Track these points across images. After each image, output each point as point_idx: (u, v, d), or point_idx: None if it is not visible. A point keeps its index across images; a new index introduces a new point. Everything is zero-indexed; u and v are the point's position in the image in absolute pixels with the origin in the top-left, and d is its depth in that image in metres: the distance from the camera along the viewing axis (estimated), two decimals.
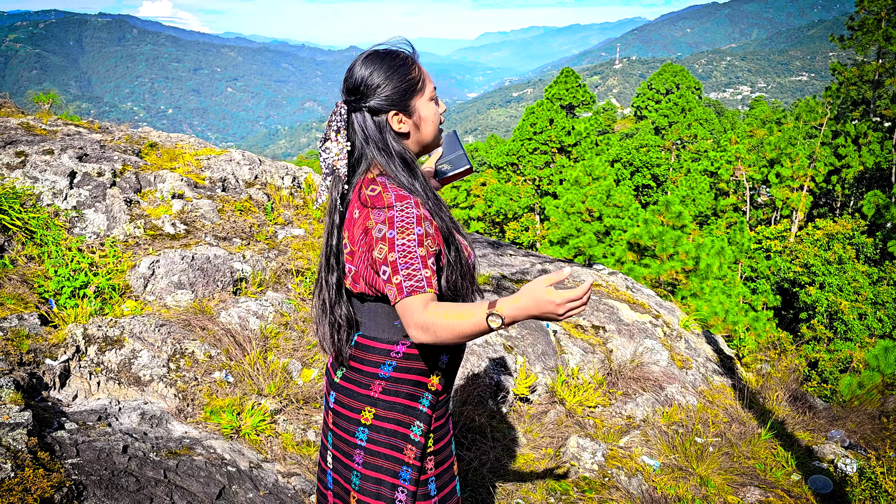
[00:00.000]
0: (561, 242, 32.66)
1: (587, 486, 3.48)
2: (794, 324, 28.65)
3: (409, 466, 1.82)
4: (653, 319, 5.76)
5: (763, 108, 63.03)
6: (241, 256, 4.84)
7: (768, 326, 19.36)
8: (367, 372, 1.83)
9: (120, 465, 2.62)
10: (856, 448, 4.63)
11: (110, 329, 3.65)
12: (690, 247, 17.35)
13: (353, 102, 1.82)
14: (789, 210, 34.73)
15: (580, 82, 42.96)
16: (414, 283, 1.63)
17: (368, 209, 1.73)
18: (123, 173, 5.32)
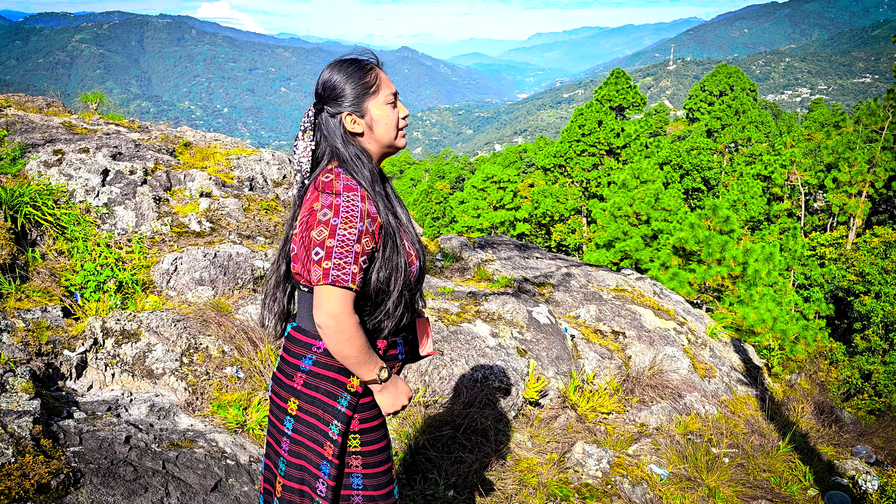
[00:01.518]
0: (607, 245, 32.33)
1: (588, 493, 3.45)
2: (848, 334, 27.76)
3: (329, 462, 1.88)
4: (677, 326, 5.67)
5: (822, 110, 61.20)
6: (263, 255, 4.94)
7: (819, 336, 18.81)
8: (291, 363, 1.93)
9: (120, 455, 2.71)
10: (882, 465, 4.48)
11: (128, 323, 3.78)
12: (738, 252, 16.97)
13: (318, 104, 1.98)
14: (846, 216, 33.64)
15: (630, 83, 42.39)
16: (340, 274, 1.75)
17: (319, 192, 1.84)
18: (155, 172, 5.48)
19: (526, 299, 5.29)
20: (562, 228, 41.54)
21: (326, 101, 1.95)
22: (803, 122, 57.71)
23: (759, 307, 15.30)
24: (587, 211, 40.58)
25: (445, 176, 61.91)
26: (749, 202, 36.26)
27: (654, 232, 31.42)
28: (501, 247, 6.95)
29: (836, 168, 33.69)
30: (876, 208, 36.19)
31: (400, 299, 1.90)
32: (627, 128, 40.53)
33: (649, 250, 29.95)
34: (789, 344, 15.51)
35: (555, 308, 5.47)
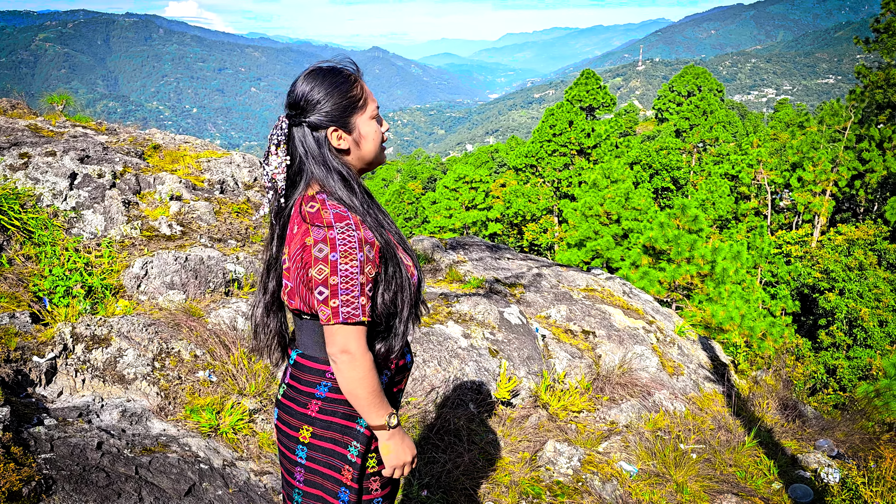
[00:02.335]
0: (578, 245, 32.59)
1: (560, 491, 3.51)
2: (814, 330, 28.33)
3: (348, 488, 1.83)
4: (646, 325, 5.77)
5: (787, 111, 62.34)
6: (234, 258, 4.93)
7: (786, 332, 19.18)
8: (304, 391, 1.85)
9: (92, 461, 2.71)
10: (843, 458, 4.61)
11: (98, 328, 3.75)
12: (706, 251, 17.22)
13: (294, 117, 1.83)
14: (811, 215, 34.32)
15: (600, 84, 42.79)
16: (351, 311, 1.69)
17: (308, 225, 1.74)
18: (124, 175, 5.44)
19: (497, 300, 5.35)
20: (534, 228, 41.81)
21: (307, 114, 1.82)
22: (769, 123, 58.70)
23: (727, 305, 15.56)
24: (558, 210, 40.90)
25: (417, 176, 61.91)
26: (717, 201, 36.82)
27: (624, 231, 31.75)
28: (473, 248, 7.00)
29: (801, 167, 34.34)
30: (839, 206, 36.97)
31: (408, 316, 1.85)
32: (598, 128, 40.90)
33: (620, 249, 30.26)
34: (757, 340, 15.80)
35: (526, 308, 5.53)
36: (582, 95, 42.52)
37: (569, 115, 40.39)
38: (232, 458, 3.18)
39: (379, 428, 1.79)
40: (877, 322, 25.24)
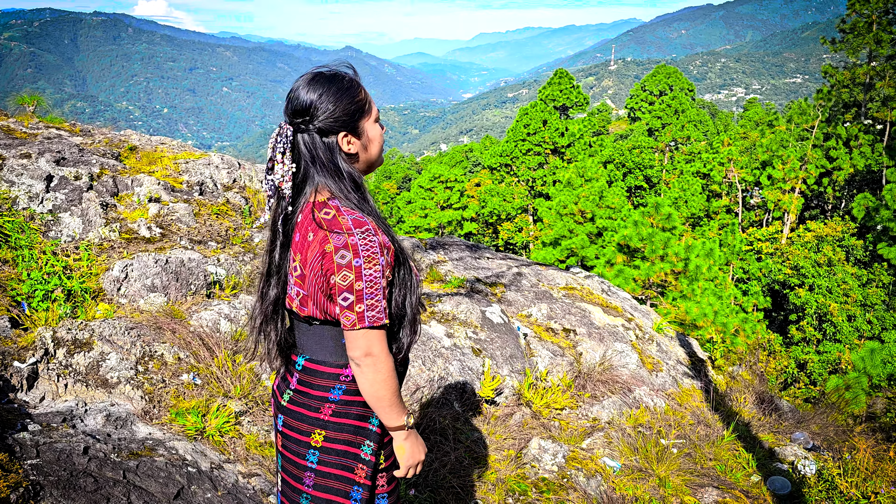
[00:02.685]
0: (554, 243, 32.76)
1: (546, 487, 3.55)
2: (785, 325, 28.80)
3: (360, 486, 1.87)
4: (625, 323, 5.84)
5: (756, 109, 63.26)
6: (215, 260, 4.90)
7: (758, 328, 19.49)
8: (316, 396, 1.86)
9: (79, 466, 2.69)
10: (818, 450, 4.72)
11: (80, 332, 3.72)
12: (680, 248, 17.42)
13: (301, 124, 1.82)
14: (781, 212, 34.89)
15: (574, 83, 43.06)
16: (375, 315, 1.72)
17: (326, 232, 1.74)
18: (101, 177, 5.38)
19: (479, 299, 5.38)
20: (509, 227, 41.95)
21: (315, 120, 1.80)
22: (739, 121, 59.55)
23: (700, 301, 15.76)
24: (533, 209, 41.10)
25: (392, 176, 61.81)
26: (689, 199, 37.27)
27: (598, 229, 31.99)
28: (453, 247, 7.03)
29: (771, 165, 34.88)
30: (808, 204, 37.64)
31: (414, 314, 1.88)
32: (571, 127, 41.17)
33: (594, 247, 30.49)
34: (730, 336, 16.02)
35: (507, 307, 5.57)
36: (555, 95, 42.76)
37: (543, 114, 40.62)
38: (219, 461, 3.17)
39: (398, 429, 1.83)
40: (845, 317, 25.75)
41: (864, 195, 29.30)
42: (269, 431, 3.50)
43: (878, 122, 34.60)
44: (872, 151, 32.41)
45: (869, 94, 34.79)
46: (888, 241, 27.46)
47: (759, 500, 3.90)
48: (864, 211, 28.92)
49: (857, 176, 34.03)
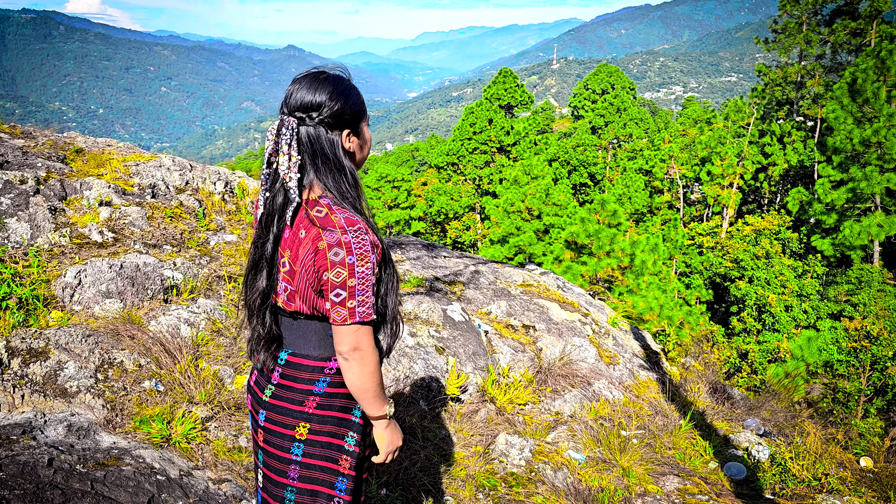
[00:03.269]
0: (501, 241, 33.01)
1: (514, 482, 3.61)
2: (726, 317, 29.64)
3: (345, 476, 1.91)
4: (582, 318, 5.95)
5: (695, 107, 64.92)
6: (171, 264, 4.81)
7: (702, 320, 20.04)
8: (300, 389, 1.89)
9: (45, 478, 2.61)
10: (770, 435, 4.90)
11: (35, 341, 3.61)
12: (626, 244, 17.77)
13: (307, 118, 1.83)
14: (720, 207, 35.90)
15: (518, 82, 43.47)
16: (365, 310, 1.78)
17: (318, 229, 1.77)
18: (48, 181, 5.22)
19: (439, 298, 5.41)
20: (457, 226, 42.09)
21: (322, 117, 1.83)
22: (678, 119, 61.01)
23: (647, 296, 16.12)
24: (481, 208, 41.35)
25: None
26: (633, 196, 38.04)
27: (545, 226, 32.35)
28: (409, 247, 7.04)
29: (710, 162, 35.86)
30: (746, 198, 38.84)
31: (395, 312, 1.94)
32: (516, 125, 41.55)
33: (542, 244, 30.84)
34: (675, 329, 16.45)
35: (467, 305, 5.62)
36: (500, 93, 43.09)
37: (488, 113, 40.89)
38: (188, 468, 3.12)
39: (380, 418, 1.89)
40: (783, 307, 26.66)
41: (798, 190, 30.41)
42: (238, 436, 3.46)
43: (809, 119, 36.00)
44: (805, 147, 33.66)
45: (800, 93, 36.15)
46: (821, 233, 28.57)
47: (718, 485, 4.03)
48: (799, 205, 30.02)
49: (791, 171, 35.30)
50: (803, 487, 4.03)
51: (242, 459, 3.31)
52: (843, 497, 3.87)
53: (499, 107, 42.17)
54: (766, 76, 36.75)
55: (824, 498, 3.83)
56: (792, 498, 3.91)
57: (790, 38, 34.22)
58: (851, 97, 24.77)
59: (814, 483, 4.06)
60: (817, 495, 3.90)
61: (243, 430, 3.53)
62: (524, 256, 30.52)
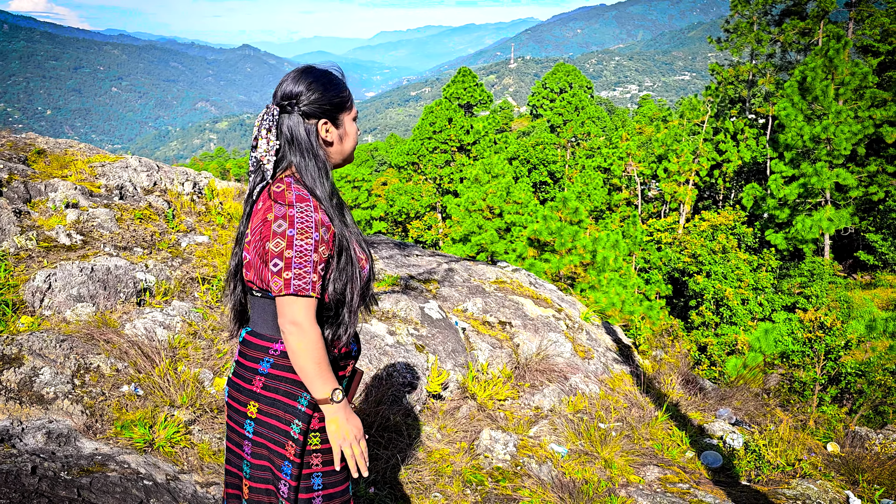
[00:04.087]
0: (463, 240, 33.08)
1: (501, 476, 3.63)
2: (685, 311, 30.17)
3: (290, 462, 1.90)
4: (556, 313, 6.01)
5: (650, 106, 66.00)
6: (143, 266, 4.72)
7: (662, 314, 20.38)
8: (249, 367, 1.94)
9: (30, 487, 2.55)
10: (742, 424, 5.02)
11: (7, 347, 3.51)
12: (587, 241, 17.97)
13: (288, 106, 1.95)
14: (677, 203, 36.57)
15: (477, 81, 43.63)
16: (302, 284, 1.80)
17: (271, 202, 1.86)
18: (10, 182, 5.07)
19: (415, 296, 5.41)
20: (418, 225, 42.05)
21: (301, 105, 1.94)
22: (635, 117, 61.97)
23: (608, 291, 16.34)
24: (442, 207, 41.38)
25: None
26: (592, 193, 38.48)
27: (507, 224, 32.50)
28: (382, 246, 7.02)
29: (666, 159, 36.48)
30: (702, 195, 39.62)
31: (357, 306, 1.96)
32: (476, 125, 41.69)
33: (503, 242, 31.00)
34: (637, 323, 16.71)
35: (443, 303, 5.63)
36: (460, 93, 43.18)
37: (448, 112, 40.94)
38: (174, 472, 3.07)
39: (323, 401, 1.85)
40: (740, 301, 27.26)
41: (752, 185, 31.11)
42: (222, 439, 3.41)
43: (761, 116, 36.88)
44: (757, 144, 34.49)
45: (752, 91, 37.02)
46: (774, 227, 29.32)
47: (696, 474, 4.12)
48: (753, 200, 30.72)
49: (745, 167, 36.12)
50: (778, 473, 4.14)
51: None
52: (816, 481, 3.99)
53: (458, 106, 42.26)
54: (719, 75, 37.55)
55: (798, 482, 3.94)
56: (767, 483, 4.02)
57: (742, 38, 35.00)
58: (801, 95, 25.46)
59: (787, 469, 4.17)
60: (791, 480, 4.01)
61: None
62: (486, 255, 30.65)
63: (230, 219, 6.12)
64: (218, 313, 4.58)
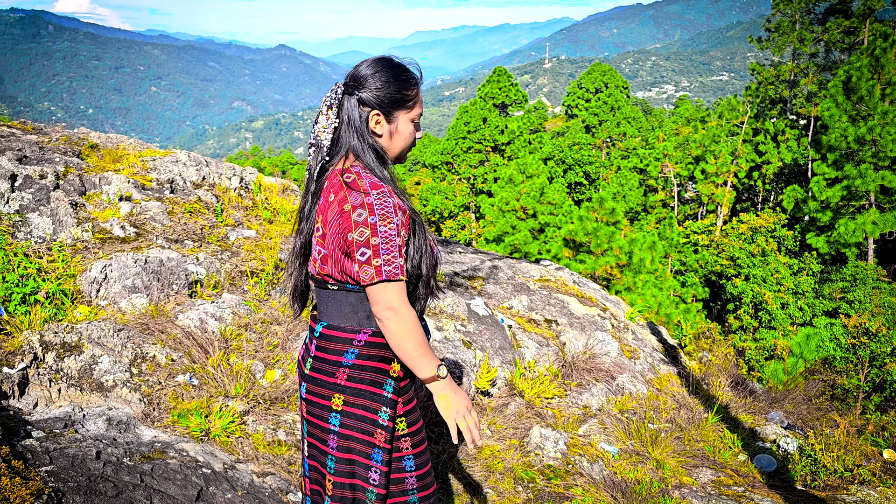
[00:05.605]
0: (497, 240, 33.01)
1: (552, 474, 3.60)
2: (722, 315, 29.71)
3: (381, 449, 1.92)
4: (601, 312, 5.95)
5: (687, 106, 65.14)
6: (194, 259, 4.78)
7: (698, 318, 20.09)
8: (331, 360, 1.94)
9: (95, 471, 2.59)
10: (794, 428, 4.91)
11: (67, 335, 3.57)
12: (624, 242, 17.79)
13: (350, 87, 1.96)
14: (714, 205, 36.03)
15: (512, 81, 43.49)
16: (392, 269, 1.80)
17: (345, 192, 1.85)
18: (67, 175, 5.17)
19: (461, 292, 5.40)
20: (451, 225, 42.06)
21: (360, 90, 1.95)
22: (671, 118, 61.24)
23: (644, 293, 16.15)
24: (476, 207, 41.32)
25: None
26: (628, 194, 38.09)
27: (541, 225, 32.35)
28: None
29: (704, 160, 35.97)
30: (740, 196, 38.98)
31: (428, 280, 1.97)
32: (511, 124, 41.56)
33: (537, 243, 30.85)
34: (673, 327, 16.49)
35: (488, 300, 5.61)
36: (495, 92, 43.09)
37: (482, 112, 40.88)
38: (231, 461, 3.10)
39: (430, 380, 1.85)
40: (779, 305, 26.75)
41: (793, 187, 30.54)
42: (276, 430, 3.43)
43: (802, 117, 36.15)
44: (798, 145, 33.82)
45: (793, 91, 36.29)
46: (816, 230, 28.72)
47: (749, 477, 4.04)
48: (794, 202, 30.15)
49: (786, 169, 35.45)
50: (835, 479, 4.04)
51: (283, 453, 3.28)
52: (876, 488, 3.88)
53: (493, 106, 42.17)
54: (760, 75, 36.88)
55: (858, 488, 3.84)
56: (825, 489, 3.92)
57: (783, 37, 34.36)
58: (846, 95, 24.89)
59: (845, 474, 4.07)
60: (850, 486, 3.91)
61: (280, 423, 3.51)
62: (520, 255, 30.52)
63: (276, 213, 6.17)
64: (267, 307, 4.62)
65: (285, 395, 3.72)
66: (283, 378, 3.90)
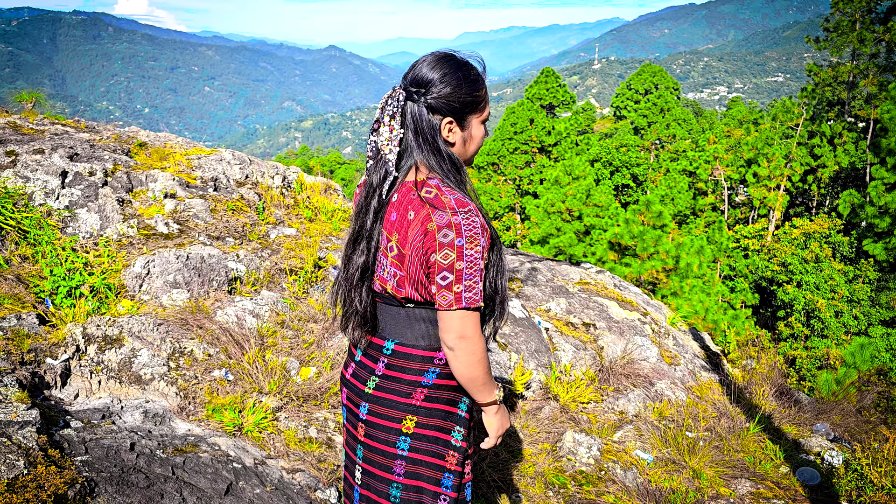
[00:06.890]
0: (541, 242, 32.79)
1: (584, 480, 3.55)
2: (773, 322, 28.97)
3: (451, 472, 1.84)
4: (641, 317, 5.85)
5: (740, 108, 63.70)
6: (234, 256, 4.85)
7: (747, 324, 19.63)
8: (408, 380, 1.82)
9: (129, 462, 2.64)
10: (840, 441, 4.75)
11: (109, 328, 3.66)
12: (671, 246, 17.48)
13: (415, 93, 1.77)
14: (766, 209, 35.16)
15: (560, 82, 43.19)
16: (472, 296, 1.68)
17: (428, 211, 1.70)
18: (115, 173, 5.31)
19: None
20: (496, 226, 41.94)
21: (429, 95, 1.76)
22: (723, 120, 59.97)
23: (691, 298, 15.84)
24: (521, 208, 41.15)
25: None
26: (676, 197, 37.45)
27: (586, 227, 32.02)
28: None
29: (756, 163, 35.14)
30: (793, 201, 37.96)
31: (504, 295, 1.85)
32: (558, 126, 41.26)
33: (582, 245, 30.54)
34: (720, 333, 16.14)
35: (526, 302, 5.56)
36: (542, 93, 42.85)
37: (529, 113, 40.67)
38: (262, 457, 3.13)
39: (490, 404, 1.84)
40: (833, 313, 25.96)
41: (849, 192, 29.64)
42: (307, 427, 3.46)
43: (860, 119, 34.99)
44: (856, 149, 32.76)
45: (852, 93, 35.16)
46: (873, 237, 27.79)
47: (791, 490, 3.91)
48: (850, 208, 29.26)
49: (842, 173, 34.38)
50: (882, 495, 3.89)
51: (314, 450, 3.31)
52: None
53: (540, 107, 41.93)
54: (817, 76, 35.83)
55: None
56: None
57: (843, 37, 33.32)
58: None
59: (893, 491, 3.91)
60: None
61: (312, 421, 3.53)
62: (564, 257, 30.27)
63: (317, 212, 6.23)
64: (305, 304, 4.66)
65: (318, 393, 3.75)
66: (317, 375, 3.93)
